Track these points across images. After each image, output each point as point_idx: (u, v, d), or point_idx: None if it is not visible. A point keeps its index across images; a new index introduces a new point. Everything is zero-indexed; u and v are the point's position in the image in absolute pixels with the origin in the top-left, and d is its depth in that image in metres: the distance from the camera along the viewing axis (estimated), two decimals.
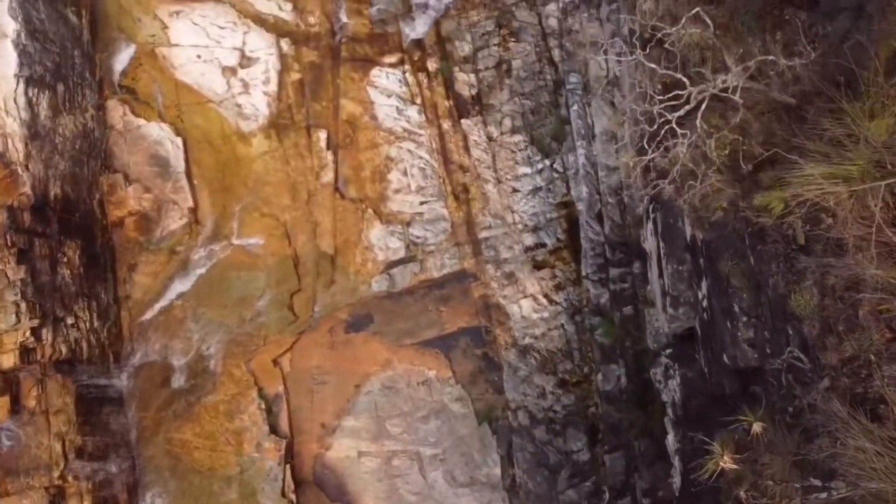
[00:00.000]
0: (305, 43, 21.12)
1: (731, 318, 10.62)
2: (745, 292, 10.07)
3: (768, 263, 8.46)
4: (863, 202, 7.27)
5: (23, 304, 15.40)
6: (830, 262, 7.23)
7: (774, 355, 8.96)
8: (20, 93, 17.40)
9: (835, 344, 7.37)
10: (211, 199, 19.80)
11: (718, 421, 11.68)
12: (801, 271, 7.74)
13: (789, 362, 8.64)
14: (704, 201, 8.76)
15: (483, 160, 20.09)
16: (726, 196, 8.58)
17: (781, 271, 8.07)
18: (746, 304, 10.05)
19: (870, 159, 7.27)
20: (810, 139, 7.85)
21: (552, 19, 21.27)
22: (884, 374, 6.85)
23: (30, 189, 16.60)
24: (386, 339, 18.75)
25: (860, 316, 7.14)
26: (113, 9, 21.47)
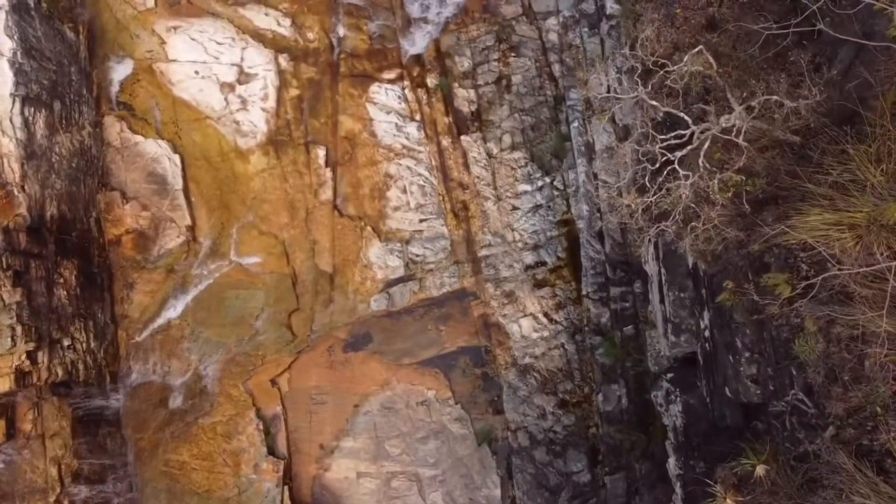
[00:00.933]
0: (304, 59, 20.99)
1: (734, 353, 10.49)
2: (747, 328, 9.94)
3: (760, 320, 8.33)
4: (868, 250, 7.13)
5: (18, 328, 15.25)
6: (836, 311, 7.10)
7: (778, 396, 8.83)
8: (16, 112, 17.26)
9: (840, 393, 7.24)
10: (209, 217, 19.68)
11: (721, 451, 11.58)
12: (805, 317, 7.61)
13: (793, 404, 8.51)
14: (707, 242, 8.62)
15: (483, 177, 19.96)
16: (730, 236, 8.43)
17: (785, 314, 7.94)
18: (749, 340, 9.92)
19: (875, 206, 7.13)
20: (815, 182, 7.71)
21: (552, 34, 21.16)
22: (890, 427, 6.71)
23: (26, 210, 16.46)
24: (385, 359, 18.63)
25: (866, 367, 7.01)
26: (110, 24, 21.35)
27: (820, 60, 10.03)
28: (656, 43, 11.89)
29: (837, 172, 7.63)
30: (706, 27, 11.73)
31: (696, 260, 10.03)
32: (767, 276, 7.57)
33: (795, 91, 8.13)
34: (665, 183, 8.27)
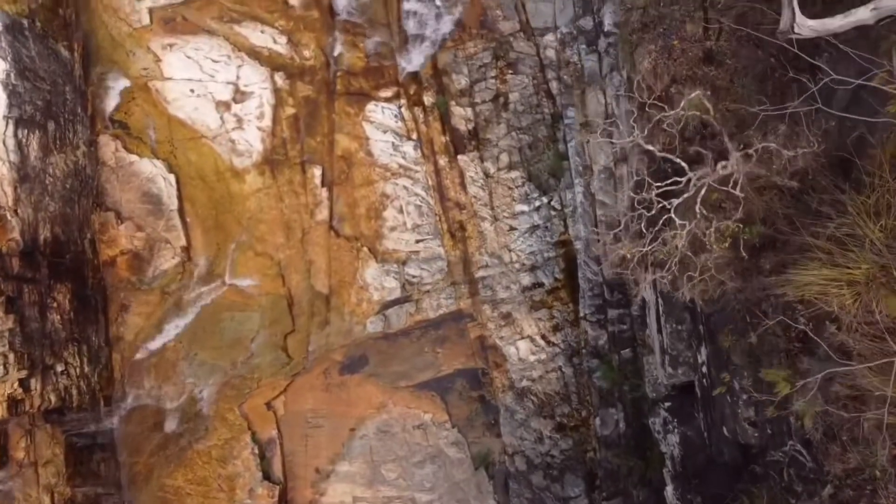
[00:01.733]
0: (300, 77, 20.86)
1: (732, 393, 10.37)
2: (745, 370, 9.82)
3: (769, 356, 8.21)
4: (867, 308, 7.01)
5: (11, 355, 15.14)
6: (835, 370, 6.98)
7: (776, 443, 8.72)
8: (9, 135, 17.13)
9: (838, 453, 7.12)
10: (204, 238, 19.56)
11: (718, 489, 11.49)
12: (803, 373, 7.48)
13: (791, 455, 8.39)
14: (704, 292, 8.50)
15: (480, 197, 19.85)
16: (727, 286, 8.33)
17: (784, 367, 7.81)
18: (747, 382, 9.79)
19: (874, 263, 7.01)
20: (812, 234, 7.59)
21: (550, 50, 21.04)
22: (889, 493, 6.59)
23: (19, 234, 16.34)
24: (381, 382, 18.54)
25: (865, 428, 6.89)
26: (106, 42, 21.22)
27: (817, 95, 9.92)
28: (654, 76, 11.80)
29: (835, 225, 7.51)
30: (703, 60, 11.64)
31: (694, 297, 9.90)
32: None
33: (793, 136, 7.99)
34: (661, 232, 8.16)
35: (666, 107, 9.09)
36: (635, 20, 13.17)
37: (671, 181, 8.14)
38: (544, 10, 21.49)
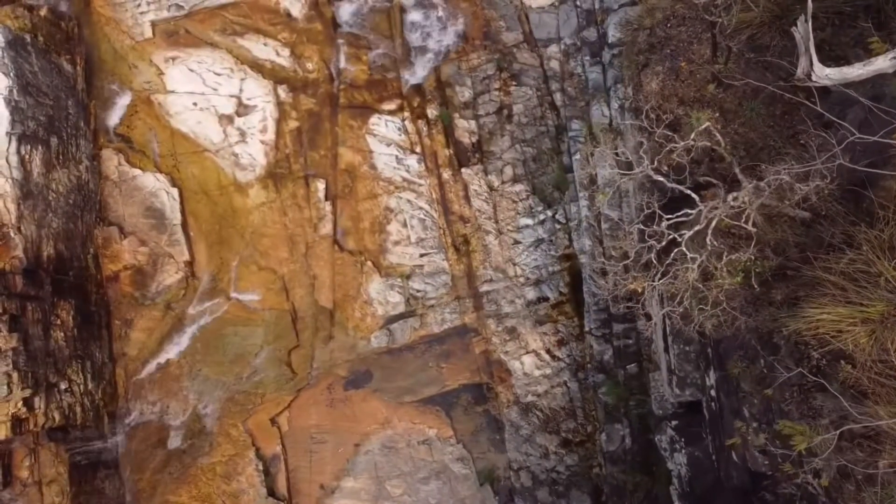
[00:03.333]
0: (303, 90, 20.81)
1: (741, 419, 10.29)
2: (755, 398, 9.75)
3: (782, 390, 8.14)
4: (882, 346, 6.94)
5: (15, 375, 15.07)
6: (848, 408, 6.91)
7: (788, 476, 8.62)
8: (12, 151, 17.06)
9: (853, 492, 7.04)
10: (207, 253, 19.51)
11: None
12: (817, 409, 7.42)
13: (804, 487, 8.31)
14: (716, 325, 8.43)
15: (484, 211, 19.79)
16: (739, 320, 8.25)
17: (796, 401, 7.75)
18: (757, 410, 9.72)
19: (889, 301, 6.94)
20: (825, 269, 7.52)
21: (554, 62, 21.01)
22: None
23: (22, 252, 16.27)
24: (385, 397, 18.46)
25: (880, 467, 6.82)
26: (108, 55, 21.20)
27: (828, 119, 9.85)
28: (661, 97, 11.74)
29: (847, 260, 7.45)
30: (711, 82, 11.58)
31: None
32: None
33: (806, 167, 7.93)
34: (671, 266, 8.10)
35: (675, 135, 9.01)
36: (642, 41, 13.11)
37: (682, 213, 8.09)
38: (548, 21, 21.47)
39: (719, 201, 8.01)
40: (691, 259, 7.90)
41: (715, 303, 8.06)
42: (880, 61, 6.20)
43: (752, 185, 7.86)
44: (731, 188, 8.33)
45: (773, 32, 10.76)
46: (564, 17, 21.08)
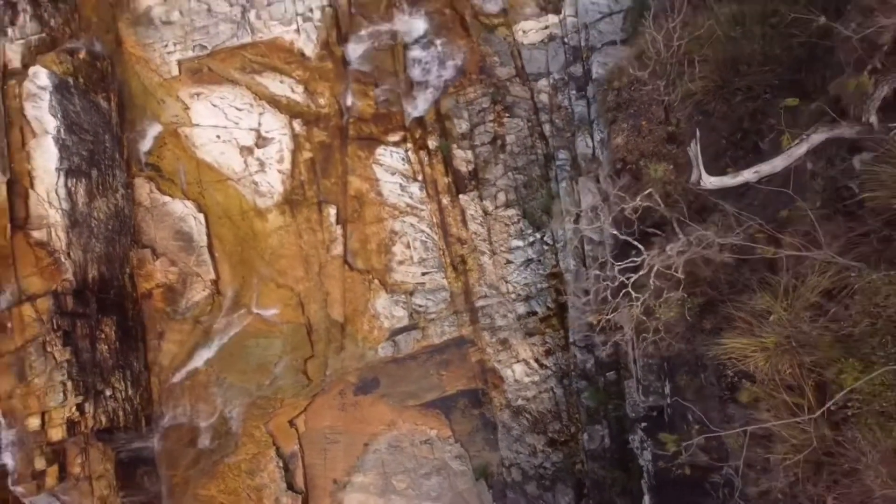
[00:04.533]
0: (316, 123, 22.91)
1: (687, 423, 12.48)
2: (697, 406, 11.92)
3: (705, 400, 10.31)
4: (776, 368, 9.13)
5: (69, 383, 17.26)
6: (753, 416, 9.09)
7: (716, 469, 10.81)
8: (61, 185, 19.24)
9: (754, 479, 9.22)
10: (231, 272, 21.65)
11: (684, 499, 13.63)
12: (730, 416, 9.59)
13: (727, 477, 10.49)
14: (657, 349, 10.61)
15: (479, 233, 21.91)
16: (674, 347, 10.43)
17: (717, 409, 9.92)
18: (695, 416, 11.90)
19: (780, 334, 9.13)
20: (737, 306, 9.70)
21: (543, 94, 23.00)
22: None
23: (71, 275, 18.45)
24: (391, 401, 20.56)
25: (771, 462, 9.00)
26: (138, 91, 23.31)
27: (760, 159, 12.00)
28: (626, 150, 13.92)
29: (754, 300, 9.63)
30: (667, 139, 13.76)
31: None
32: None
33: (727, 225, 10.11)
34: (621, 303, 10.27)
35: (626, 195, 11.19)
36: (611, 99, 15.24)
37: (629, 260, 10.26)
38: (538, 56, 23.51)
39: (658, 252, 10.17)
40: (636, 298, 10.06)
41: (655, 330, 10.19)
42: (746, 173, 8.33)
43: (684, 239, 10.03)
44: (670, 240, 10.50)
45: (716, 101, 12.92)
46: (553, 53, 23.05)
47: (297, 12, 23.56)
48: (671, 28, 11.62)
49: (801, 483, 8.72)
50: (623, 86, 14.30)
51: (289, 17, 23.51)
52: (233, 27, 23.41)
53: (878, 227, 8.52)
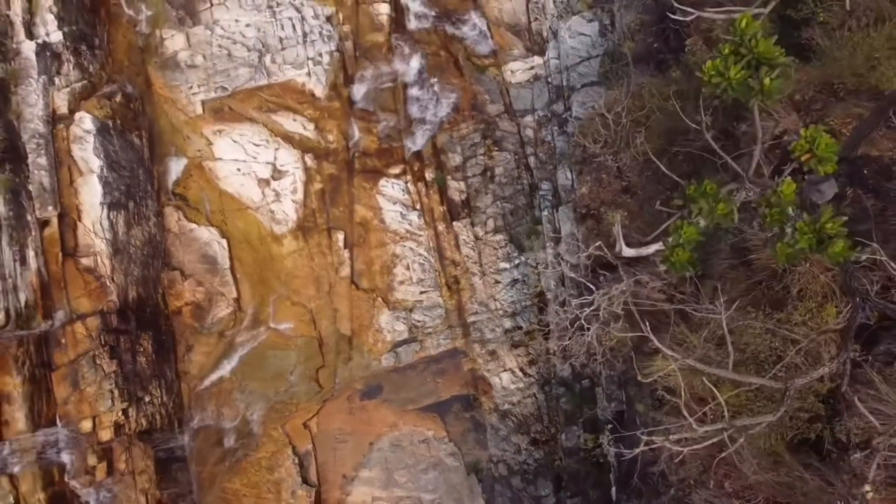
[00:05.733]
0: (325, 157, 25.52)
1: (635, 426, 15.29)
2: (640, 412, 14.73)
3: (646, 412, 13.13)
4: (689, 384, 11.94)
5: (115, 391, 20.04)
6: (669, 420, 11.90)
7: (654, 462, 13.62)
8: (104, 217, 21.97)
9: (675, 468, 12.02)
10: (251, 291, 24.33)
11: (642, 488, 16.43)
12: (658, 422, 12.39)
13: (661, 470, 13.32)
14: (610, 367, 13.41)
15: (471, 256, 24.64)
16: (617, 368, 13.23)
17: (651, 417, 12.71)
18: (641, 421, 14.71)
19: (693, 358, 11.93)
20: (662, 336, 12.51)
21: (529, 130, 25.65)
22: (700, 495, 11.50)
23: (115, 296, 21.20)
24: (393, 406, 23.17)
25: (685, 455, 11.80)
26: (167, 128, 25.92)
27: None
28: (589, 198, 16.74)
29: (678, 330, 12.44)
30: (623, 191, 16.57)
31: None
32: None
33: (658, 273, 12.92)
34: (577, 332, 13.06)
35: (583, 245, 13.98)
36: (578, 154, 18.03)
37: (583, 299, 13.02)
38: (525, 95, 26.15)
39: (605, 294, 12.93)
40: (588, 329, 12.81)
41: (605, 352, 12.96)
42: (653, 247, 11.06)
43: (626, 282, 12.80)
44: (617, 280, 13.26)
45: (663, 159, 15.72)
46: (538, 92, 25.71)
47: (309, 57, 26.24)
48: (620, 110, 14.42)
49: (708, 472, 11.51)
50: (589, 142, 17.05)
51: (301, 61, 26.18)
52: (251, 70, 26.10)
53: (765, 277, 11.29)
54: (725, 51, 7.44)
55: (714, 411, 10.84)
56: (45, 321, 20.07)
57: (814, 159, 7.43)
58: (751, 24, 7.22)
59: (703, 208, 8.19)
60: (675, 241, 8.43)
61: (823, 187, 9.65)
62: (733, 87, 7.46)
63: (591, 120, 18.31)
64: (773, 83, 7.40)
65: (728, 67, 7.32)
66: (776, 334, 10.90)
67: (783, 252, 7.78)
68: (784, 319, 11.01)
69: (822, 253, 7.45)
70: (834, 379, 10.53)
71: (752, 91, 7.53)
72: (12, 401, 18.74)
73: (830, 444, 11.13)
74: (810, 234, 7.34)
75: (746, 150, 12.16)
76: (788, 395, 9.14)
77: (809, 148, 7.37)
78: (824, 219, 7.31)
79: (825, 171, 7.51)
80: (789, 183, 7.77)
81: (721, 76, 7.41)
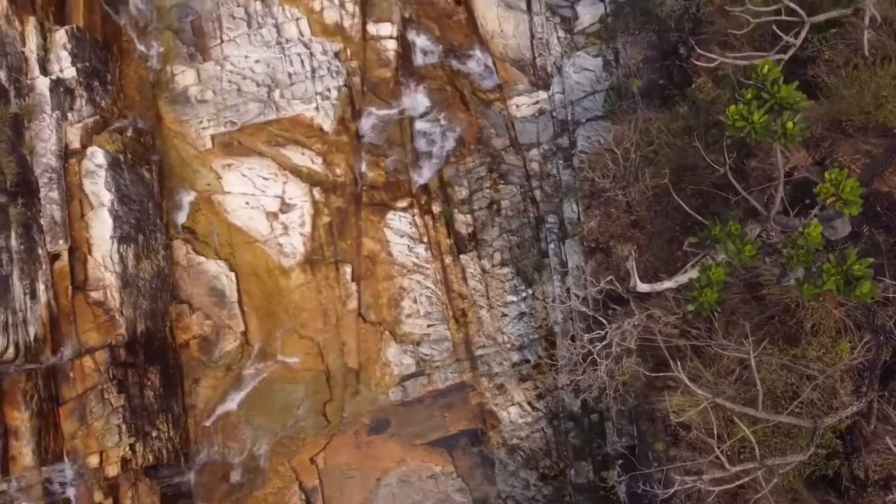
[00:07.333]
0: (333, 191, 25.74)
1: (647, 461, 15.20)
2: (653, 447, 14.66)
3: (658, 443, 13.05)
4: (705, 420, 11.91)
5: (123, 426, 19.92)
6: (688, 456, 11.84)
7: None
8: (114, 251, 22.07)
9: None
10: (259, 324, 24.37)
11: None
12: (672, 458, 12.33)
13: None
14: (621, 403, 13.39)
15: (478, 289, 24.72)
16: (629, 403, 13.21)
17: (665, 452, 12.66)
18: (654, 456, 14.63)
19: (706, 394, 11.91)
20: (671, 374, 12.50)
21: (534, 163, 25.92)
22: None
23: (124, 330, 21.20)
24: (401, 440, 23.04)
25: (702, 490, 11.73)
26: (176, 162, 26.19)
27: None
28: (598, 232, 16.84)
29: (691, 366, 12.44)
30: (631, 225, 16.69)
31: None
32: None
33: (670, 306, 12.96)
34: (588, 367, 13.06)
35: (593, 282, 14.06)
36: (586, 188, 18.21)
37: (595, 333, 13.05)
38: (530, 128, 26.49)
39: (619, 325, 12.97)
40: (601, 364, 12.82)
41: (617, 388, 12.94)
42: (667, 283, 11.15)
43: (638, 316, 12.83)
44: (629, 314, 13.30)
45: (669, 196, 15.87)
46: (543, 125, 26.02)
47: (317, 92, 26.63)
48: (628, 145, 14.63)
49: None
50: (595, 176, 17.22)
51: (309, 96, 26.56)
52: (260, 105, 26.47)
53: (777, 312, 11.34)
54: (748, 96, 7.62)
55: (732, 448, 10.80)
56: (54, 355, 20.06)
57: (839, 202, 7.57)
58: (772, 70, 7.40)
59: (729, 249, 8.29)
60: (705, 282, 8.52)
61: (837, 224, 9.77)
62: (757, 131, 7.63)
63: (598, 154, 18.51)
64: (796, 127, 7.56)
65: (751, 112, 7.49)
66: (792, 370, 10.92)
67: (810, 292, 7.87)
68: (799, 355, 11.03)
69: (850, 294, 7.55)
70: (853, 416, 10.52)
71: (776, 134, 7.70)
72: (20, 436, 18.64)
73: (849, 480, 11.06)
74: (837, 276, 7.45)
75: (757, 186, 12.30)
76: (818, 433, 9.13)
77: (834, 191, 7.52)
78: (851, 260, 7.41)
79: (850, 213, 7.65)
80: (816, 225, 7.90)
81: (745, 120, 7.58)
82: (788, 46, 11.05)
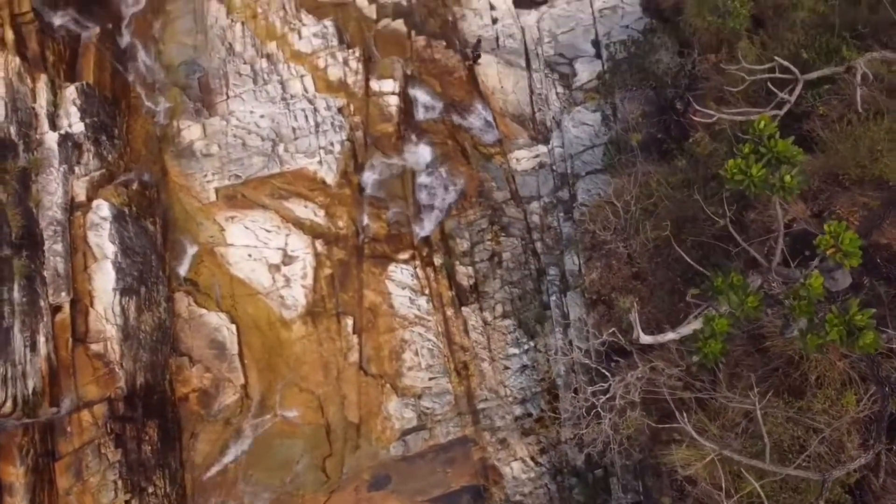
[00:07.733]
0: (335, 243, 25.92)
1: None
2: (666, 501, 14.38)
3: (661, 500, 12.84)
4: (712, 475, 11.73)
5: (119, 482, 19.59)
6: None
7: None
8: (116, 303, 22.11)
9: None
10: (259, 377, 24.20)
11: None
12: None
13: None
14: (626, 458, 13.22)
15: (480, 342, 24.63)
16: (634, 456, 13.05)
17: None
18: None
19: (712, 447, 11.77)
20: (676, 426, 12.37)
21: (535, 216, 26.19)
22: None
23: (124, 383, 21.06)
24: (402, 497, 22.58)
25: None
26: (180, 215, 26.47)
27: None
28: (599, 284, 16.89)
29: (695, 420, 12.32)
30: (633, 277, 16.76)
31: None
32: None
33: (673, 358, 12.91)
34: (592, 420, 12.94)
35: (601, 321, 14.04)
36: (587, 240, 18.36)
37: (598, 386, 12.98)
38: (530, 181, 26.85)
39: (622, 378, 12.90)
40: (605, 417, 12.70)
41: (621, 441, 12.78)
42: (670, 334, 11.17)
43: (642, 368, 12.77)
44: (633, 367, 13.24)
45: (670, 247, 15.98)
46: (543, 179, 26.39)
47: (320, 146, 27.08)
48: (629, 198, 14.82)
49: None
50: (597, 228, 17.38)
51: (313, 150, 27.00)
52: (264, 159, 26.89)
53: (781, 364, 11.29)
54: (746, 150, 7.80)
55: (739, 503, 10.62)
56: (52, 408, 19.86)
57: (839, 253, 7.68)
58: (769, 125, 7.60)
59: (732, 301, 8.36)
60: (709, 333, 8.56)
61: (837, 275, 9.84)
62: (755, 185, 7.79)
63: (599, 207, 18.71)
64: (794, 180, 7.72)
65: (749, 166, 7.66)
66: (798, 423, 10.83)
67: (813, 343, 7.90)
68: (805, 407, 10.95)
69: (854, 345, 7.59)
70: (861, 470, 10.38)
71: (774, 187, 7.85)
72: (14, 492, 18.30)
73: None
74: (840, 326, 7.50)
75: (757, 238, 12.41)
76: (826, 486, 9.01)
77: (834, 243, 7.63)
78: (853, 311, 7.47)
79: (850, 265, 7.75)
80: (817, 276, 7.97)
81: (743, 174, 7.75)
82: (783, 102, 11.33)
